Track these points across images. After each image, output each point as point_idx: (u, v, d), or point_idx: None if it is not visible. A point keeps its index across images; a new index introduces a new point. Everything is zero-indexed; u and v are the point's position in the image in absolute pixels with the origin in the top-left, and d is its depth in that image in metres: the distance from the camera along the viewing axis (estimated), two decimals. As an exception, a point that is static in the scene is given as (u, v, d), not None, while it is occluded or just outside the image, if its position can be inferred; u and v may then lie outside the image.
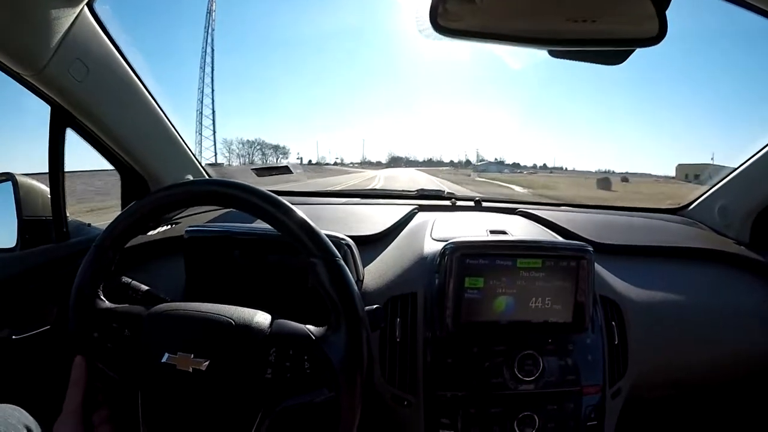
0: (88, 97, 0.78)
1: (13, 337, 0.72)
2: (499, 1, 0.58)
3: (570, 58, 0.67)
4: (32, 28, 0.64)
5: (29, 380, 0.76)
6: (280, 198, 0.51)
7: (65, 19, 0.67)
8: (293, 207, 0.51)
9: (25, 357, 0.74)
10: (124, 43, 0.80)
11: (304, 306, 0.63)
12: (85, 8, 0.70)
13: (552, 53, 0.65)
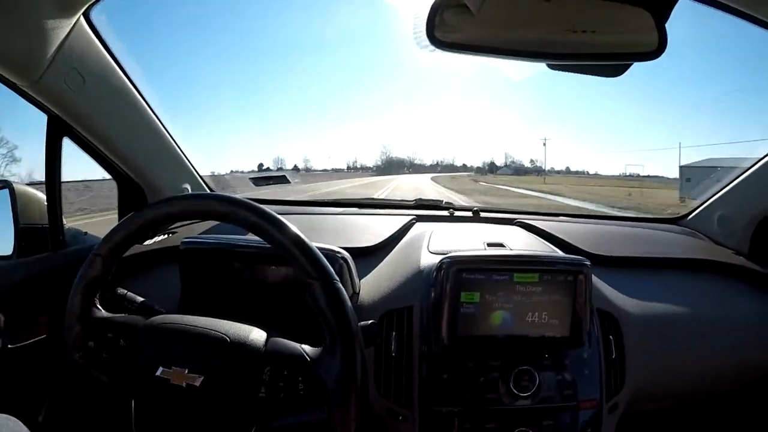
0: (85, 107, 0.78)
1: (9, 346, 0.72)
2: (497, 14, 0.57)
3: (568, 71, 0.67)
4: (28, 37, 0.64)
5: (24, 390, 0.76)
6: (277, 215, 0.51)
7: (61, 29, 0.67)
8: (290, 224, 0.50)
9: (20, 366, 0.74)
10: (120, 52, 0.80)
11: (299, 320, 0.63)
12: (81, 17, 0.70)
13: (551, 66, 0.64)
